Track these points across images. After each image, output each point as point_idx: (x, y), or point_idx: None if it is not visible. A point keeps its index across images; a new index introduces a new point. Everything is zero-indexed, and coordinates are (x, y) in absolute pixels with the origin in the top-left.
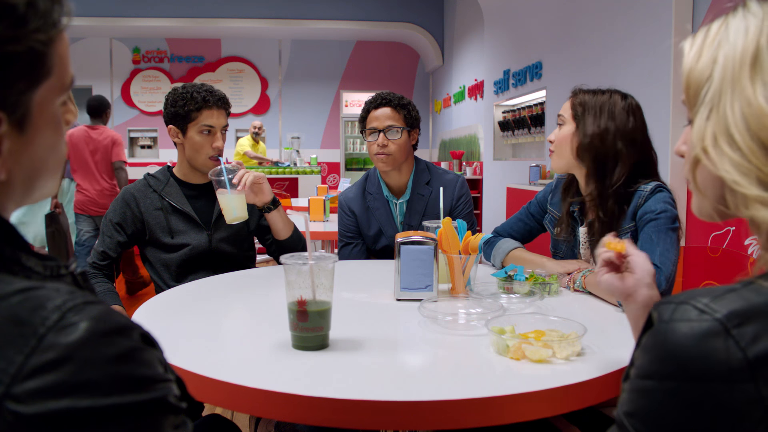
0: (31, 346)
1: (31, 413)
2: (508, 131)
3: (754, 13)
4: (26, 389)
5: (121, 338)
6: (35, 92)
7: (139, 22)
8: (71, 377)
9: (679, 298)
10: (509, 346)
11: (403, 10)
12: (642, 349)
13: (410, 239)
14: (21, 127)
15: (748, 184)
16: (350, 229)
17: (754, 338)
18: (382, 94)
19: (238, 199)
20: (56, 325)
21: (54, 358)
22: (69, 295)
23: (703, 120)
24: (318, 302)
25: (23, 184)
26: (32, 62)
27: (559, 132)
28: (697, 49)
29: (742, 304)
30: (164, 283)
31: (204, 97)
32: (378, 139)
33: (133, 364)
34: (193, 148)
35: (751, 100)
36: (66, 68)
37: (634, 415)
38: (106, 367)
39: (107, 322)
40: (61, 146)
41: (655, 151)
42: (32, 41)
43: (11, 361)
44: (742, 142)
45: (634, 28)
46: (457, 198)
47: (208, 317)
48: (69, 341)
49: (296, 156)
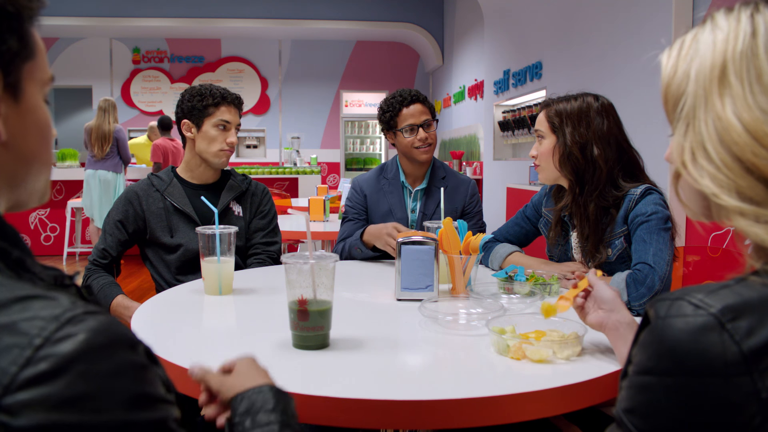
0: (26, 357)
1: (18, 426)
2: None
3: (720, 27)
4: (17, 400)
5: (121, 352)
6: (23, 66)
7: (139, 22)
8: (63, 390)
9: (674, 295)
10: (510, 346)
11: (403, 10)
12: (639, 345)
13: (411, 239)
14: (15, 96)
15: (726, 197)
16: (357, 208)
17: (749, 332)
18: (406, 91)
19: (226, 269)
20: (53, 336)
21: (48, 370)
22: (70, 305)
23: (681, 135)
24: (318, 302)
25: (18, 164)
26: (20, 30)
27: (540, 146)
28: (673, 63)
29: (736, 298)
30: (165, 282)
31: (222, 94)
32: (419, 134)
33: (132, 381)
34: (207, 142)
35: (720, 114)
36: (45, 62)
37: (633, 411)
38: (101, 382)
39: (107, 334)
40: (50, 142)
41: (637, 151)
42: (19, 6)
43: (5, 372)
44: (717, 156)
45: (634, 28)
46: (469, 199)
47: (208, 316)
48: (65, 353)
49: (296, 156)
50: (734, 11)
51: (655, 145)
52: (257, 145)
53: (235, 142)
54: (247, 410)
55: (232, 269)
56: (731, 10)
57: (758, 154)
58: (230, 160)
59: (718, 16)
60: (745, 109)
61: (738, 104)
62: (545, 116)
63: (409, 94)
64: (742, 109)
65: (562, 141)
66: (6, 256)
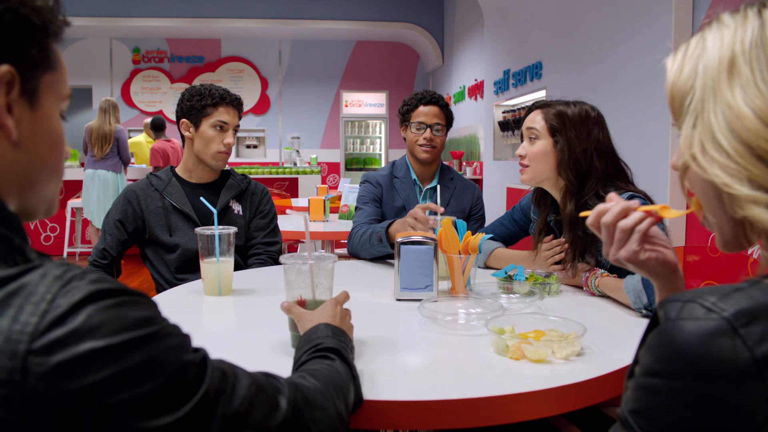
0: (43, 309)
1: (55, 362)
2: (508, 131)
3: (727, 25)
4: (48, 341)
5: (122, 293)
6: (43, 76)
7: (139, 22)
8: (84, 323)
9: (685, 296)
10: (509, 346)
11: (403, 10)
12: (648, 347)
13: (410, 239)
14: (31, 103)
15: (738, 186)
16: (374, 197)
17: (762, 337)
18: (430, 92)
19: (226, 270)
20: (61, 291)
21: (65, 311)
22: (67, 267)
23: (690, 128)
24: (318, 302)
25: (28, 167)
26: (43, 42)
27: (531, 146)
28: (679, 64)
29: (750, 303)
30: (165, 282)
31: (221, 94)
32: (425, 133)
33: (137, 308)
34: (204, 142)
35: (731, 103)
36: (66, 78)
37: (640, 413)
38: (113, 312)
39: (108, 282)
40: (63, 149)
41: (624, 161)
42: (45, 21)
43: (27, 323)
44: (728, 145)
45: (634, 28)
46: (475, 201)
47: (207, 317)
48: (76, 299)
49: (296, 156)
50: (740, 11)
51: (654, 145)
52: (257, 145)
53: (233, 144)
54: (305, 340)
55: (231, 270)
56: (737, 11)
57: None
58: (230, 159)
59: (724, 16)
60: (756, 96)
61: (749, 92)
62: (543, 117)
63: (430, 95)
64: (754, 95)
65: (565, 145)
66: (8, 243)
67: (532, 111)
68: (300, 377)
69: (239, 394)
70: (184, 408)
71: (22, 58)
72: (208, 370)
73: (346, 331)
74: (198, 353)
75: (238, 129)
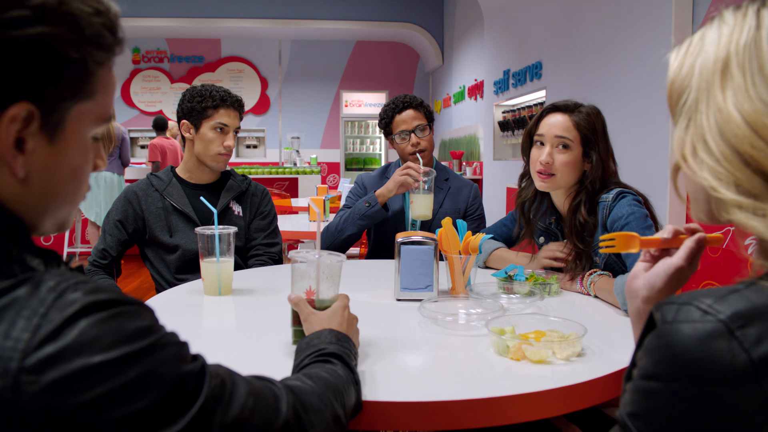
0: (35, 324)
1: (48, 381)
2: (508, 131)
3: (727, 22)
4: (39, 358)
5: (117, 304)
6: (74, 107)
7: (139, 22)
8: (78, 338)
9: (681, 299)
10: (509, 347)
11: (403, 10)
12: (645, 350)
13: (410, 239)
14: (52, 136)
15: (725, 190)
16: (357, 198)
17: (758, 339)
18: (400, 97)
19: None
20: (55, 303)
21: (58, 326)
22: (61, 277)
23: (683, 129)
24: (321, 300)
25: (38, 198)
26: (79, 74)
27: (561, 155)
28: (680, 59)
29: (746, 305)
30: (165, 282)
31: (222, 96)
32: (411, 139)
33: (133, 318)
34: (204, 144)
35: (721, 107)
36: (108, 101)
37: (638, 416)
38: (108, 326)
39: (103, 293)
40: (84, 178)
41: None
42: (86, 53)
43: (19, 339)
44: (716, 149)
45: (634, 28)
46: (472, 200)
47: (207, 317)
48: (69, 313)
49: (296, 156)
50: (742, 8)
51: (654, 145)
52: (257, 145)
53: (233, 146)
54: (306, 344)
55: (231, 270)
56: (739, 7)
57: (756, 147)
58: (230, 160)
59: (726, 13)
60: (745, 100)
61: (739, 96)
62: (573, 124)
63: (401, 101)
64: (743, 100)
65: (598, 157)
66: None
67: (549, 114)
68: (296, 379)
69: (238, 401)
70: (183, 420)
71: (45, 95)
72: (206, 379)
73: (351, 337)
74: (196, 361)
75: (239, 131)
